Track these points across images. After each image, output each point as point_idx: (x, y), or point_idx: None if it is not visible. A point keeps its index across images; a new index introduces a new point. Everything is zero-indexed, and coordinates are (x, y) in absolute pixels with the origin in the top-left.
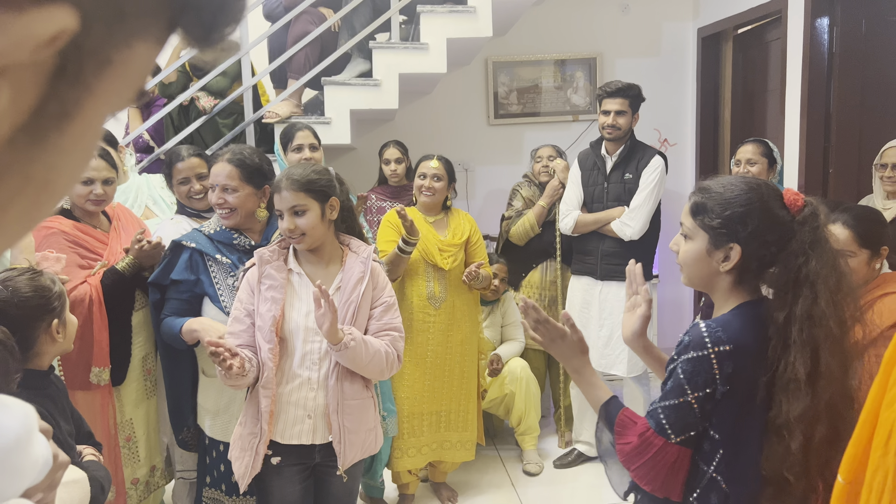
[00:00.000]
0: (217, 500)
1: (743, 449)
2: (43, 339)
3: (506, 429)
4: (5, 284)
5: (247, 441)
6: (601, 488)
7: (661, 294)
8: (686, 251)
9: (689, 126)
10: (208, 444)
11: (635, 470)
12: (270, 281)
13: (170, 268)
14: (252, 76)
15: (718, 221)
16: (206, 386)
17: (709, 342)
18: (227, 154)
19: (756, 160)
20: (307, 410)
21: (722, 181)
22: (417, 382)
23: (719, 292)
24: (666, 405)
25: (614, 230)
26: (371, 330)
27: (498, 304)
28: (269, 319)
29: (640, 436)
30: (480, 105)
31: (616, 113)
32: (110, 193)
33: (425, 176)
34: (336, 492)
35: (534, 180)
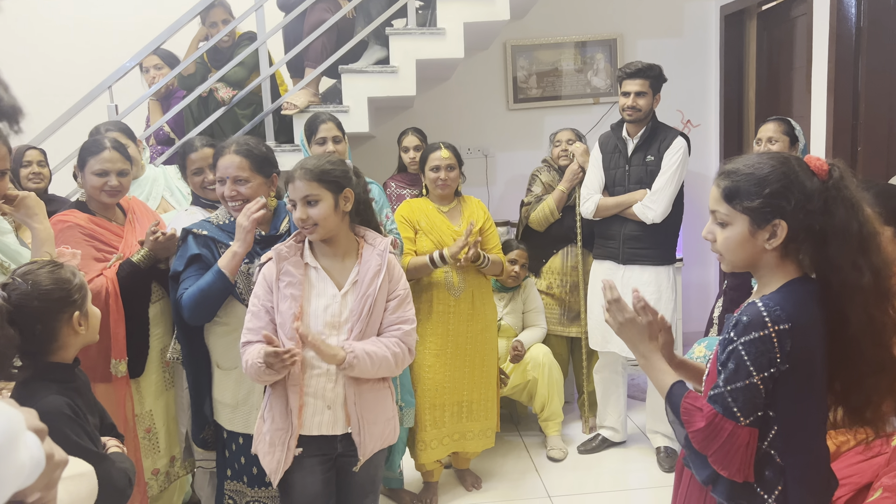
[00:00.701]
0: (240, 492)
1: (798, 424)
2: (65, 331)
3: (529, 415)
4: (25, 278)
5: (276, 436)
6: (626, 473)
7: (685, 277)
8: (726, 238)
9: (712, 106)
10: (227, 437)
11: (712, 456)
12: (289, 278)
13: (185, 251)
14: (269, 66)
15: (759, 201)
16: (222, 380)
17: (769, 321)
18: (232, 146)
19: (777, 138)
20: (326, 401)
21: (747, 161)
22: (439, 373)
23: (765, 270)
24: (732, 388)
25: (636, 213)
26: (385, 323)
27: (519, 290)
28: (289, 317)
29: (709, 421)
30: (499, 90)
31: (636, 94)
32: (125, 185)
33: (438, 168)
34: (359, 480)
35: (553, 165)
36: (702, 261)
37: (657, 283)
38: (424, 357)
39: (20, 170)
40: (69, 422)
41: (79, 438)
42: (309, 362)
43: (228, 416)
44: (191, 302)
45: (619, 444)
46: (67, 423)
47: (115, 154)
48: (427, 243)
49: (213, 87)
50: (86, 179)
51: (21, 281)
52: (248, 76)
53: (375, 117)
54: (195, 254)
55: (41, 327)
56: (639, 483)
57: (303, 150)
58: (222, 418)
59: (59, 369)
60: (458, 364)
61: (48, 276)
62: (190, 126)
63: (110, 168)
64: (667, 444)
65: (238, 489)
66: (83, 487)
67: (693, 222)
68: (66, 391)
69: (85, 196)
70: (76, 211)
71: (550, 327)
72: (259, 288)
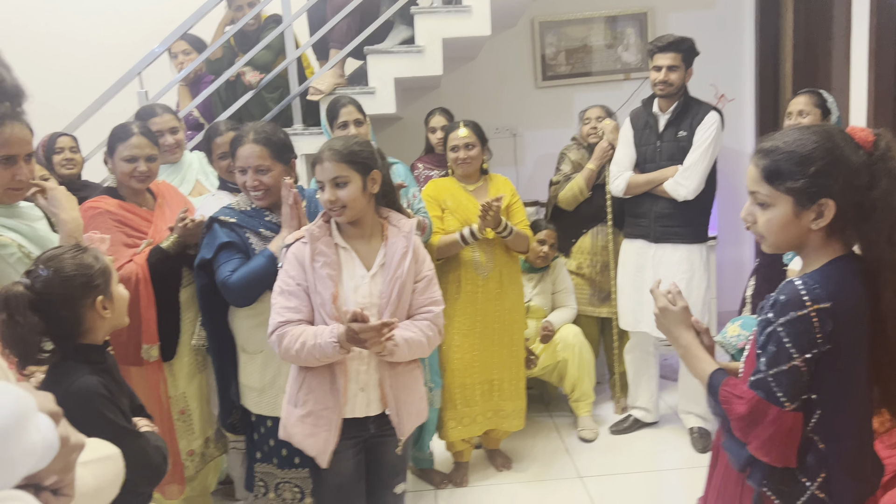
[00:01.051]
0: (270, 473)
1: (842, 408)
2: (90, 315)
3: (560, 395)
4: (48, 265)
5: (321, 418)
6: (658, 454)
7: (719, 256)
8: (768, 220)
9: (747, 80)
10: (255, 420)
11: (753, 442)
12: (324, 258)
13: (213, 239)
14: (295, 49)
15: (804, 181)
16: (248, 364)
17: (808, 300)
18: (250, 134)
19: (808, 111)
20: (360, 384)
21: (787, 138)
22: (467, 353)
23: (810, 249)
24: (774, 372)
25: (668, 190)
26: (414, 305)
27: (548, 270)
28: (328, 297)
29: (751, 407)
30: (527, 67)
31: (668, 68)
32: (154, 170)
33: (457, 147)
34: (390, 461)
35: (582, 143)
36: (737, 239)
37: (689, 261)
38: (452, 337)
39: (53, 156)
40: (104, 401)
41: (115, 417)
42: None
43: (255, 400)
44: (241, 284)
45: (651, 424)
46: (102, 401)
47: (143, 140)
48: (454, 222)
49: (241, 71)
50: (115, 166)
51: (44, 268)
52: (275, 59)
53: (402, 98)
54: (224, 242)
55: (65, 313)
56: (671, 464)
57: (325, 135)
58: (249, 402)
59: (89, 351)
60: (486, 343)
61: (70, 262)
62: (219, 110)
63: (139, 154)
64: (700, 424)
65: (268, 471)
66: (109, 470)
67: (727, 199)
68: (98, 371)
69: (115, 182)
70: (107, 197)
71: (581, 308)
72: (291, 268)
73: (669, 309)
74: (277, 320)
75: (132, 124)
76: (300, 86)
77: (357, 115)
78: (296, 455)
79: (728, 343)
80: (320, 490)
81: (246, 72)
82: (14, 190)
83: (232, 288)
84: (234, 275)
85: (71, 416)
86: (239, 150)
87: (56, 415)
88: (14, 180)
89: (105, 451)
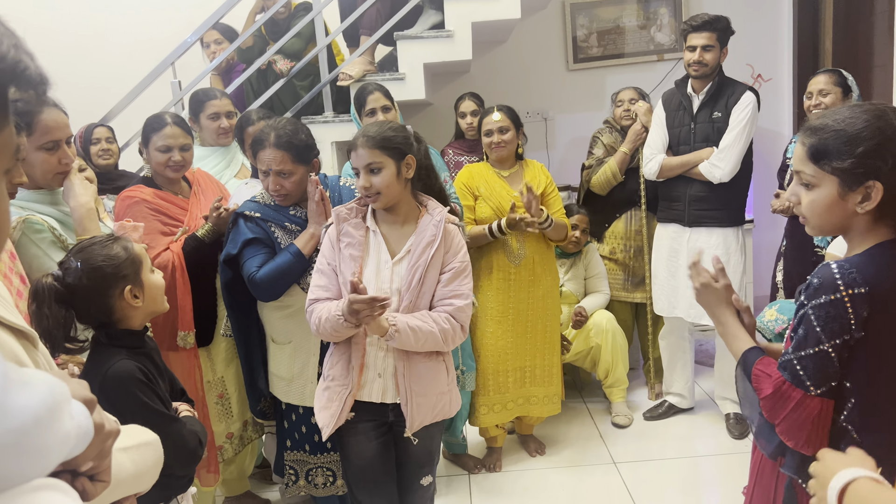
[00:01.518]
0: (301, 461)
1: (877, 397)
2: (120, 304)
3: (593, 381)
4: (77, 256)
5: (335, 392)
6: (693, 440)
7: (756, 239)
8: (812, 201)
9: (784, 59)
10: (285, 409)
11: (779, 425)
12: (349, 238)
13: (238, 235)
14: (325, 36)
15: (851, 161)
16: (277, 354)
17: (841, 284)
18: (271, 136)
19: (829, 90)
20: (377, 370)
21: (837, 116)
22: (501, 339)
23: (855, 233)
24: (802, 355)
25: (703, 173)
26: (437, 296)
27: (580, 255)
28: (350, 278)
29: (776, 388)
30: (558, 50)
31: (702, 48)
32: (188, 159)
33: (491, 132)
34: (415, 453)
35: (615, 126)
36: (774, 222)
37: (725, 245)
38: (486, 323)
39: (90, 147)
40: (141, 385)
41: (150, 401)
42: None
43: (284, 389)
44: (268, 279)
45: (687, 410)
46: (139, 386)
47: (176, 129)
48: (486, 209)
49: (272, 60)
50: (150, 155)
51: (74, 259)
52: (305, 47)
53: (432, 84)
54: (249, 238)
55: (96, 303)
56: (707, 450)
57: (355, 123)
58: (278, 391)
59: (127, 336)
60: (519, 330)
61: (99, 253)
62: (251, 99)
63: (173, 143)
64: (736, 410)
65: (299, 458)
66: (149, 456)
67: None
68: (136, 356)
69: (151, 171)
70: (143, 186)
71: (614, 293)
72: (325, 248)
73: (711, 285)
74: (310, 298)
75: (165, 114)
76: (330, 73)
77: (384, 102)
78: (328, 440)
79: (765, 327)
80: (346, 471)
81: (277, 60)
82: (60, 174)
83: (259, 283)
84: (261, 271)
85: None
86: (260, 154)
87: (90, 402)
88: (60, 164)
89: (144, 437)
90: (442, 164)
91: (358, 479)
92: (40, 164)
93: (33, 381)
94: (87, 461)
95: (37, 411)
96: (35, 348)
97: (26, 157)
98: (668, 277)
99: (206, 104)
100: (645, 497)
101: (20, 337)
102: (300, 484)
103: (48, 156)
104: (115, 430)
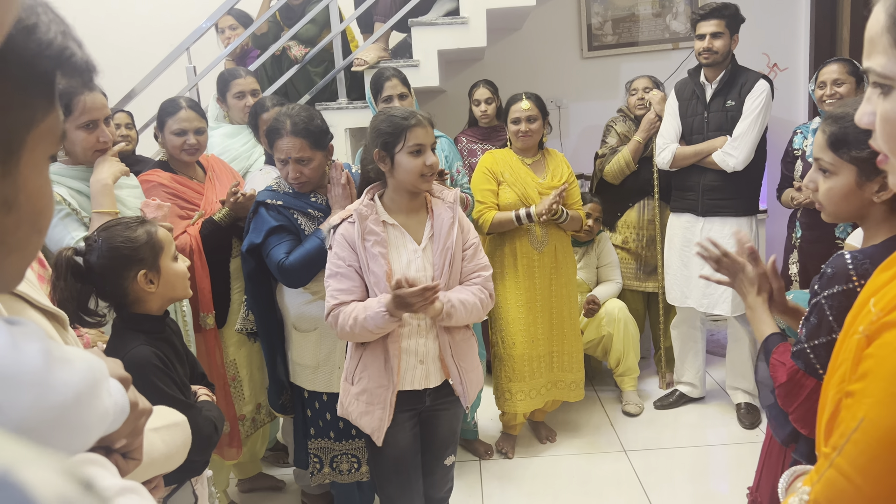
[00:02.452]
0: (326, 448)
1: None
2: (134, 287)
3: (604, 370)
4: (101, 234)
5: (375, 395)
6: (703, 429)
7: (769, 230)
8: (830, 189)
9: (801, 48)
10: (308, 397)
11: (792, 413)
12: (374, 237)
13: (262, 224)
14: (340, 22)
15: (869, 151)
16: (300, 342)
17: (854, 275)
18: (287, 124)
19: (843, 80)
20: (419, 356)
21: (858, 105)
22: (531, 326)
23: (871, 223)
24: (815, 344)
25: (716, 161)
26: (465, 272)
27: (592, 244)
28: (382, 276)
29: (790, 377)
30: (573, 38)
31: (712, 35)
32: (203, 142)
33: (519, 120)
34: (442, 433)
35: (629, 114)
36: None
37: None
38: (518, 310)
39: None
40: (157, 371)
41: (166, 387)
42: (402, 320)
43: (309, 377)
44: (297, 266)
45: (698, 399)
46: (155, 372)
47: (191, 113)
48: (510, 195)
49: (286, 46)
50: (165, 139)
51: (97, 237)
52: (320, 33)
53: (446, 71)
54: (274, 226)
55: (111, 283)
56: (717, 439)
57: (371, 109)
58: (302, 379)
59: (146, 320)
60: (546, 316)
61: (119, 235)
62: (265, 85)
63: (187, 127)
64: (747, 400)
65: (324, 446)
66: (178, 436)
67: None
68: (154, 341)
69: (166, 156)
70: (159, 171)
71: (626, 282)
72: (341, 250)
73: (746, 272)
74: (332, 303)
75: (180, 99)
76: (345, 60)
77: (401, 89)
78: (353, 427)
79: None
80: (376, 462)
81: (291, 46)
82: (99, 151)
83: (289, 270)
84: (290, 257)
85: None
86: (278, 143)
87: (126, 380)
88: (99, 142)
89: (174, 418)
90: (456, 153)
91: (391, 471)
92: (80, 143)
93: (74, 359)
94: (122, 438)
95: (78, 388)
96: (65, 330)
97: (67, 135)
98: (681, 267)
99: (231, 83)
100: (655, 485)
101: (51, 318)
102: (325, 472)
103: (87, 134)
104: (148, 409)
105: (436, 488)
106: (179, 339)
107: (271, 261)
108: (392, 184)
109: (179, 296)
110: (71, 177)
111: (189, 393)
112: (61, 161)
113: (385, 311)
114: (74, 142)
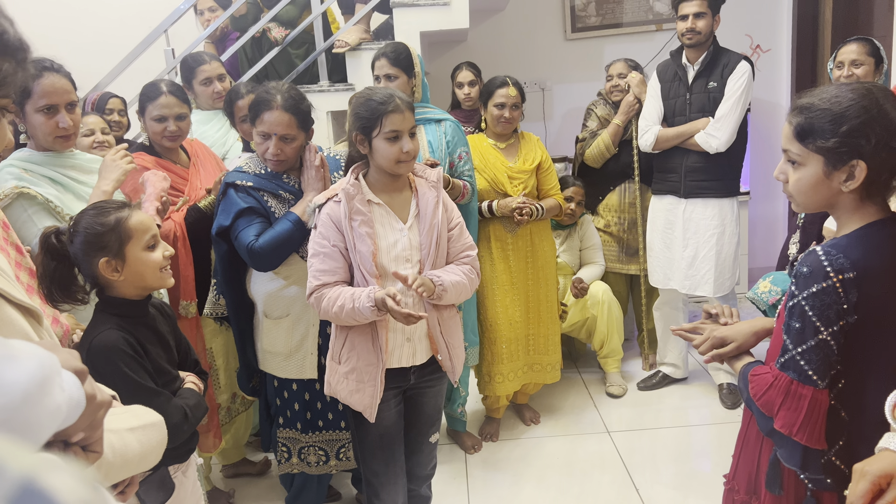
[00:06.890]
0: (294, 439)
1: (866, 378)
2: (100, 273)
3: (588, 352)
4: (77, 217)
5: (365, 373)
6: (687, 410)
7: (752, 211)
8: (798, 179)
9: (783, 29)
10: (278, 385)
11: (799, 432)
12: (361, 216)
13: (230, 206)
14: (321, 3)
15: (835, 141)
16: (272, 329)
17: (831, 271)
18: (278, 98)
19: (862, 60)
20: (406, 334)
21: (823, 95)
22: (509, 308)
23: (842, 211)
24: (804, 349)
25: (699, 143)
26: (452, 252)
27: (575, 227)
28: (368, 255)
29: (786, 393)
30: (556, 19)
31: (694, 15)
32: (184, 128)
33: (503, 105)
34: (428, 410)
35: (608, 99)
36: (770, 194)
37: (720, 216)
38: (495, 293)
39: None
40: (125, 356)
41: (132, 372)
42: None
43: (280, 364)
44: (268, 248)
45: (680, 380)
46: (123, 357)
47: (171, 99)
48: (480, 181)
49: (266, 28)
50: (146, 125)
51: (72, 221)
52: (300, 14)
53: (428, 52)
54: (243, 208)
55: (80, 266)
56: (700, 419)
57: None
58: (272, 367)
59: (124, 304)
60: (522, 299)
61: (88, 219)
62: (245, 68)
63: (167, 113)
64: (729, 380)
65: (292, 436)
66: (154, 436)
67: (761, 154)
68: (132, 325)
69: (148, 140)
70: (144, 154)
71: (609, 265)
72: (326, 230)
73: (723, 353)
74: (314, 284)
75: (161, 83)
76: (325, 42)
77: (388, 70)
78: (319, 419)
79: (759, 299)
80: (361, 439)
81: (271, 28)
82: (61, 138)
83: (259, 252)
84: (260, 239)
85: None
86: (265, 115)
87: (82, 372)
88: (58, 128)
89: (150, 418)
90: (460, 137)
91: (376, 447)
92: (39, 127)
93: (21, 356)
94: (79, 432)
95: (26, 387)
96: (40, 325)
97: (28, 119)
98: (664, 249)
99: (196, 70)
100: (638, 465)
101: (26, 314)
102: (293, 461)
103: (46, 119)
104: (106, 401)
105: (421, 466)
106: (170, 323)
107: (240, 243)
108: (374, 164)
109: (152, 286)
110: (41, 164)
111: (169, 379)
112: (30, 148)
113: (373, 305)
114: (35, 126)
